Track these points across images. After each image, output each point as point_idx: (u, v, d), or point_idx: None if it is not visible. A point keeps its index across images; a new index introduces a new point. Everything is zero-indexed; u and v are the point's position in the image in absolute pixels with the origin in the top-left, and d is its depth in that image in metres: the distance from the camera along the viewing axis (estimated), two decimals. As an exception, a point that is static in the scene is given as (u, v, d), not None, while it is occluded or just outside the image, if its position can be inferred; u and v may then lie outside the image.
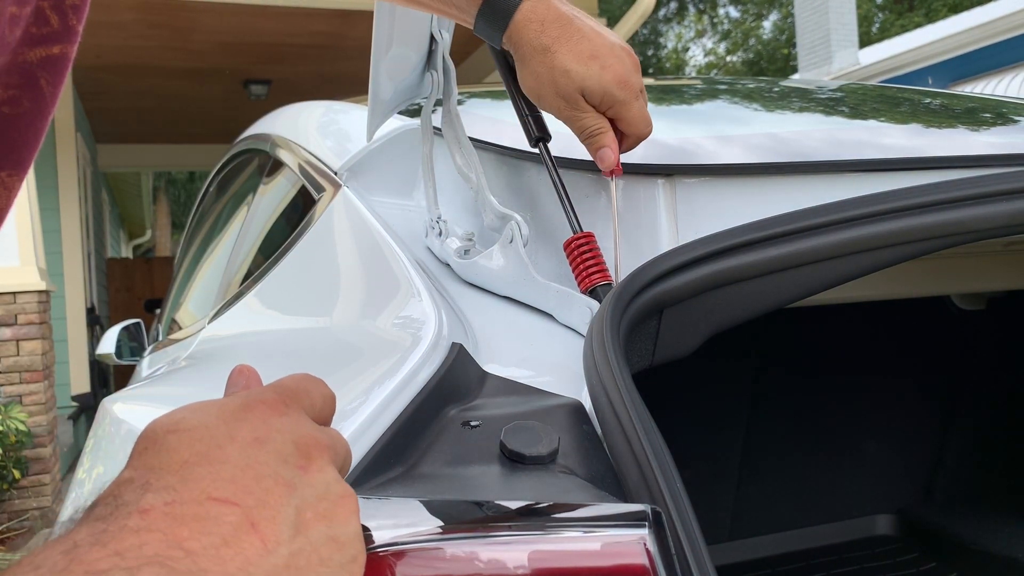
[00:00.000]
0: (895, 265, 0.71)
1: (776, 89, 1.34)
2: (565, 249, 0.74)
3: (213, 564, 0.33)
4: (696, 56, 26.19)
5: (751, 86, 1.37)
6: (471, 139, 0.86)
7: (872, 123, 1.01)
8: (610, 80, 0.73)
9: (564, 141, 0.79)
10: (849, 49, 10.43)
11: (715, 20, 25.41)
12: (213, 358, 1.06)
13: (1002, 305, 1.70)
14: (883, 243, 0.67)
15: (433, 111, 0.89)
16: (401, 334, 0.66)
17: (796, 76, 11.05)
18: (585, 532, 0.44)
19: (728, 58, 25.09)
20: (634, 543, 0.43)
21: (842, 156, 0.78)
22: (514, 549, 0.43)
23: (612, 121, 0.75)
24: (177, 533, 0.33)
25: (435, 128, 0.90)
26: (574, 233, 0.74)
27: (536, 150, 0.80)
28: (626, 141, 0.76)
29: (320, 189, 1.05)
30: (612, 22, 6.51)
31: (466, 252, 0.83)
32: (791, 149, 0.81)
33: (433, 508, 0.46)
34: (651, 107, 1.21)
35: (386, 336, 0.70)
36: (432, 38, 0.87)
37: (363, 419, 0.54)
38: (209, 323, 1.25)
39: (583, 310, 0.71)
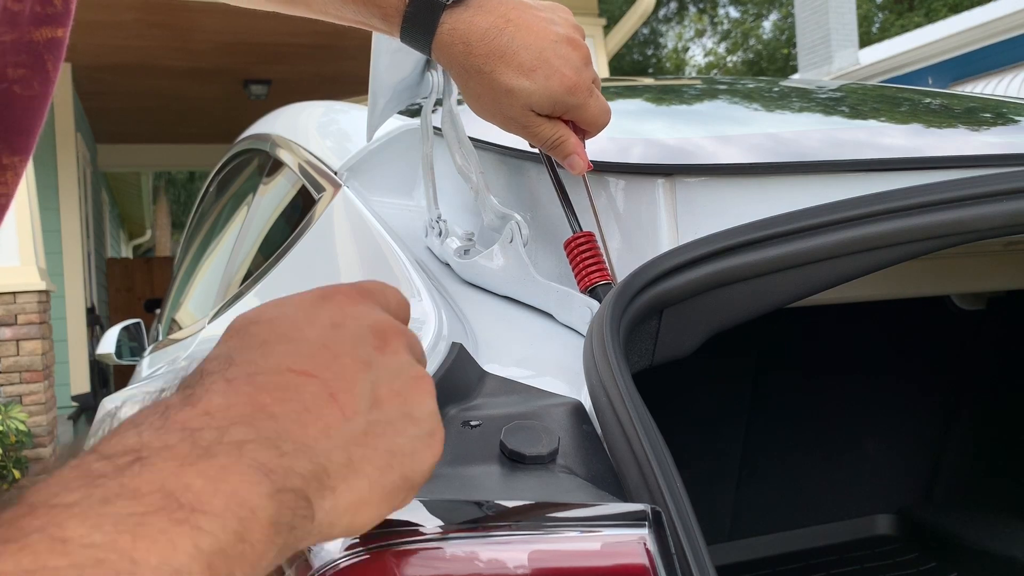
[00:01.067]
0: (895, 265, 0.71)
1: (776, 89, 1.34)
2: (565, 248, 0.74)
3: (295, 427, 0.34)
4: (696, 56, 26.20)
5: (751, 86, 1.37)
6: (471, 139, 0.86)
7: (872, 123, 1.01)
8: (557, 88, 0.67)
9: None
10: (849, 49, 10.43)
11: (715, 20, 25.42)
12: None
13: (1002, 305, 1.70)
14: (882, 243, 0.67)
15: (433, 111, 0.89)
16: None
17: (796, 76, 11.05)
18: (585, 532, 0.44)
19: (728, 58, 25.10)
20: (634, 543, 0.43)
21: (842, 156, 0.78)
22: (514, 549, 0.44)
23: (569, 122, 0.71)
24: (260, 399, 0.35)
25: (435, 128, 0.90)
26: (573, 233, 0.74)
27: (535, 150, 0.80)
28: (587, 134, 0.73)
29: (320, 189, 1.05)
30: (612, 22, 6.51)
31: (466, 252, 0.83)
32: (791, 149, 0.81)
33: (433, 508, 0.46)
34: (652, 106, 1.21)
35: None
36: (432, 38, 0.87)
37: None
38: (209, 323, 1.25)
39: (583, 310, 0.71)
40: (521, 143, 0.82)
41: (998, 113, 1.18)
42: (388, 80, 0.88)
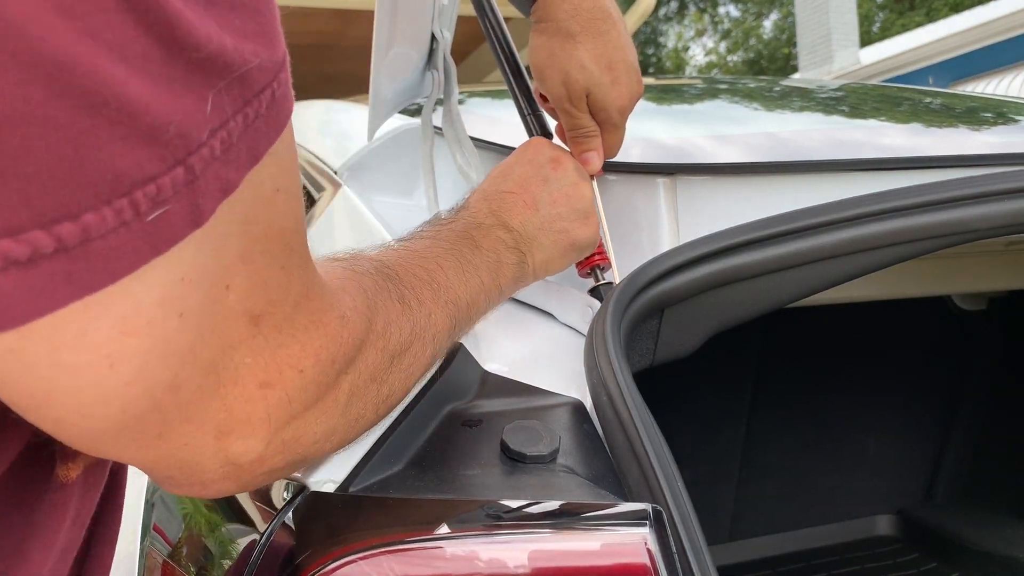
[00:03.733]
0: (895, 264, 0.71)
1: (776, 89, 1.34)
2: None
3: (511, 218, 0.68)
4: (696, 55, 26.20)
5: (751, 86, 1.37)
6: (471, 138, 0.86)
7: (872, 122, 1.00)
8: (615, 99, 0.73)
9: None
10: (850, 48, 10.43)
11: (715, 19, 25.41)
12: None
13: (1003, 305, 1.70)
14: (883, 242, 0.67)
15: (433, 110, 0.89)
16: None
17: (797, 75, 11.04)
18: (586, 531, 0.44)
19: (729, 57, 25.09)
20: (635, 542, 0.43)
21: (842, 156, 0.78)
22: (515, 549, 0.43)
23: None
24: (491, 207, 0.68)
25: (435, 127, 0.89)
26: None
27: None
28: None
29: (320, 188, 1.05)
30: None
31: (466, 251, 0.82)
32: (791, 149, 0.81)
33: (434, 507, 0.46)
34: (652, 106, 1.21)
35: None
36: (433, 37, 0.87)
37: (364, 418, 0.54)
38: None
39: (584, 309, 0.71)
40: (521, 141, 0.82)
41: (999, 113, 1.17)
42: (389, 80, 0.87)
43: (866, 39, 16.15)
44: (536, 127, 0.79)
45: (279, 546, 0.50)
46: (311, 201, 1.07)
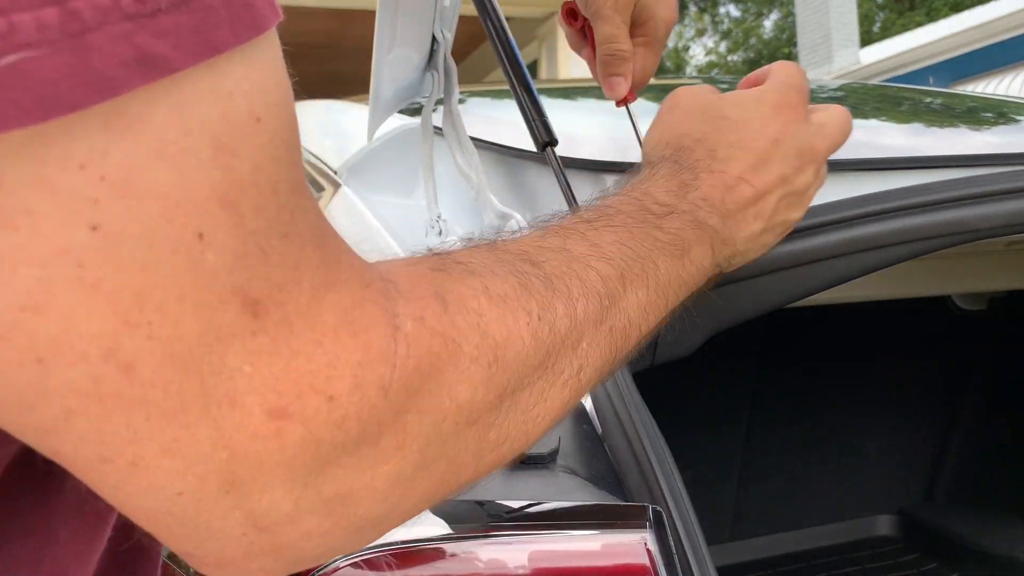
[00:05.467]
0: (895, 264, 0.71)
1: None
2: None
3: (733, 227, 0.54)
4: (697, 55, 26.20)
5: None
6: (472, 138, 0.86)
7: (873, 122, 1.01)
8: (663, 18, 0.67)
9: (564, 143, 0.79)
10: (850, 48, 10.43)
11: (716, 19, 25.41)
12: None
13: (1003, 305, 1.70)
14: (883, 242, 0.67)
15: (434, 110, 0.89)
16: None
17: (797, 76, 11.06)
18: (586, 532, 0.44)
19: (729, 57, 25.09)
20: (635, 543, 0.43)
21: (842, 156, 0.78)
22: (516, 549, 0.44)
23: None
24: (723, 198, 0.53)
25: (435, 127, 0.90)
26: None
27: (534, 150, 0.80)
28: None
29: (319, 188, 1.05)
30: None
31: (467, 251, 0.82)
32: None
33: (435, 508, 0.46)
34: (652, 107, 1.21)
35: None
36: (434, 38, 0.87)
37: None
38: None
39: (584, 310, 0.71)
40: (521, 142, 0.82)
41: (999, 112, 1.17)
42: (389, 80, 0.87)
43: (866, 39, 16.16)
44: (542, 133, 0.78)
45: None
46: (311, 201, 1.07)
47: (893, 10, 22.18)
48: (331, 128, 1.28)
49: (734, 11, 24.97)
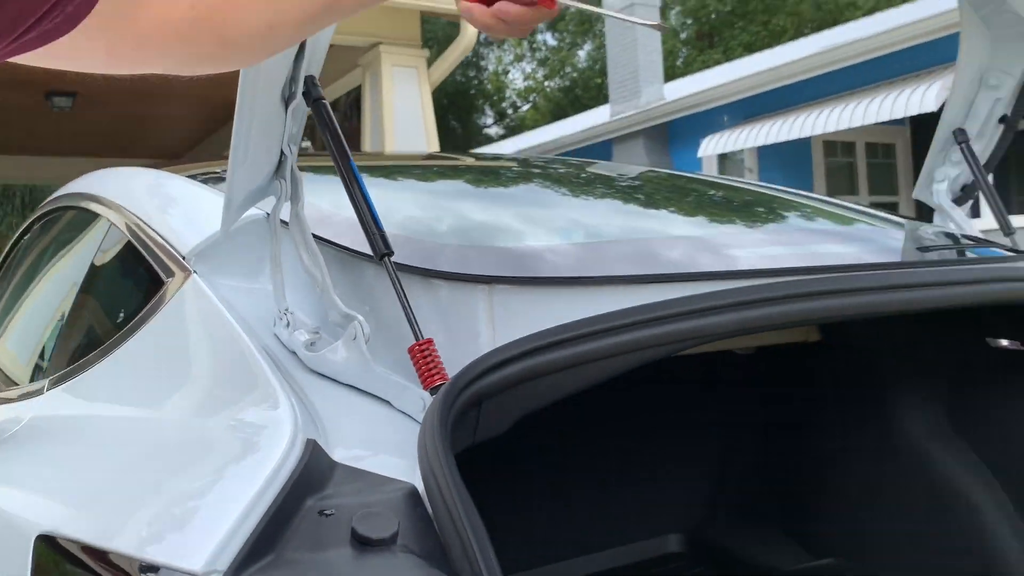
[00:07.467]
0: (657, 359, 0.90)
1: (583, 175, 1.55)
2: (409, 352, 0.87)
3: None
4: (516, 79, 27.00)
5: (562, 171, 1.57)
6: (315, 236, 0.99)
7: (658, 227, 1.22)
8: None
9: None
10: (655, 85, 11.20)
11: (534, 46, 26.30)
12: (62, 438, 1.11)
13: (774, 351, 2.00)
14: (644, 345, 0.86)
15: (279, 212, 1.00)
16: (261, 432, 0.78)
17: (607, 108, 11.74)
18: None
19: (546, 83, 26.04)
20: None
21: (628, 272, 0.97)
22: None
23: None
24: None
25: (283, 221, 1.01)
26: (416, 340, 0.87)
27: (371, 254, 0.93)
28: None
29: (168, 272, 1.12)
30: (441, 46, 6.67)
31: (312, 344, 0.95)
32: (589, 262, 0.99)
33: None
34: (469, 189, 1.37)
35: (247, 433, 0.81)
36: (282, 152, 0.99)
37: (239, 513, 0.66)
38: (48, 389, 1.28)
39: (416, 400, 0.85)
40: (358, 244, 0.96)
41: (770, 208, 1.43)
42: (242, 184, 0.98)
43: (671, 73, 17.32)
44: (380, 245, 0.91)
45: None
46: (159, 282, 1.14)
47: (694, 46, 23.87)
48: (171, 208, 1.35)
49: (551, 40, 25.97)
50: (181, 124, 7.78)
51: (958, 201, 1.64)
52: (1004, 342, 1.46)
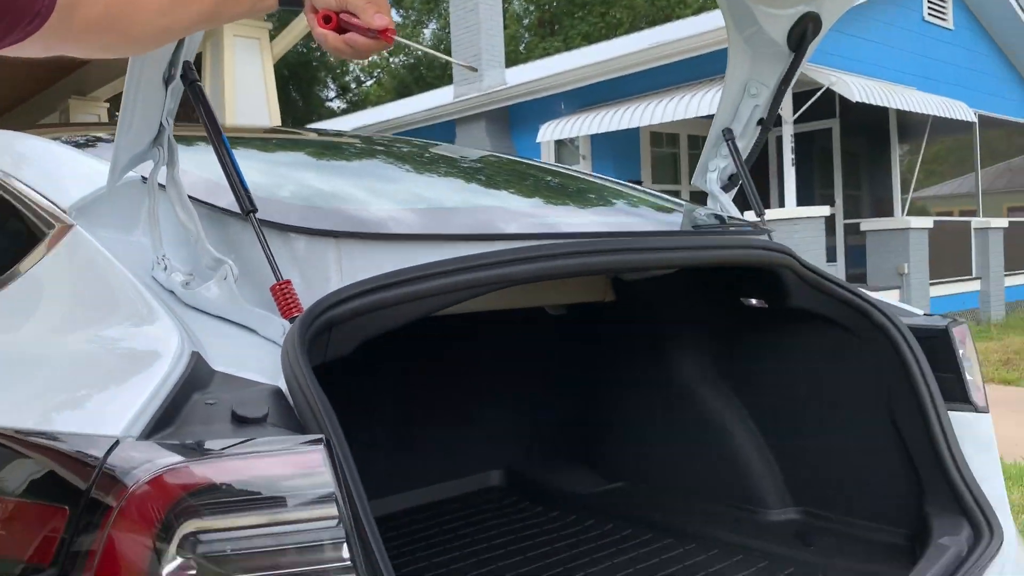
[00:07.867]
0: (473, 298, 1.17)
1: (427, 155, 1.80)
2: (271, 290, 1.09)
3: None
4: (360, 54, 26.69)
5: (405, 150, 1.80)
6: (190, 197, 1.18)
7: (490, 200, 1.48)
8: None
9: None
10: (497, 70, 11.55)
11: (379, 21, 26.07)
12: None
13: (578, 310, 2.33)
14: (458, 288, 1.13)
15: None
16: (155, 343, 0.98)
17: (450, 89, 11.95)
18: (286, 451, 0.82)
19: (391, 60, 25.94)
20: (314, 452, 0.82)
21: (448, 231, 1.23)
22: (236, 461, 0.80)
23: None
24: None
25: (160, 184, 1.19)
26: (277, 280, 1.09)
27: (239, 210, 1.14)
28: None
29: (49, 224, 1.28)
30: (280, 26, 6.68)
31: (187, 284, 1.14)
32: (423, 223, 1.24)
33: (188, 448, 0.81)
34: (316, 163, 1.59)
35: (143, 344, 1.01)
36: (161, 124, 1.17)
37: (143, 400, 0.86)
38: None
39: (278, 327, 1.07)
40: (227, 203, 1.16)
41: (600, 195, 1.72)
42: (127, 150, 1.17)
43: (513, 58, 17.76)
44: (245, 202, 1.12)
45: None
46: (39, 232, 1.29)
47: (536, 33, 24.48)
48: (36, 164, 1.48)
49: (397, 17, 25.86)
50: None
51: (725, 188, 2.00)
52: (753, 301, 1.83)
